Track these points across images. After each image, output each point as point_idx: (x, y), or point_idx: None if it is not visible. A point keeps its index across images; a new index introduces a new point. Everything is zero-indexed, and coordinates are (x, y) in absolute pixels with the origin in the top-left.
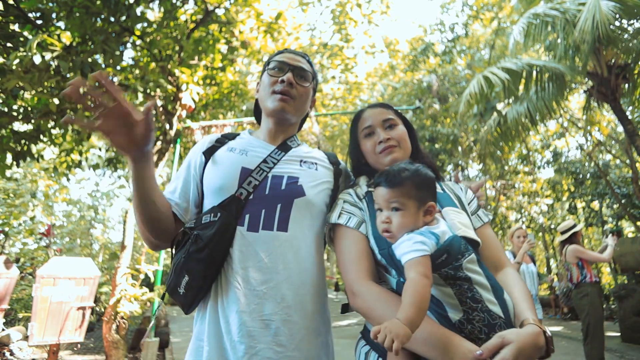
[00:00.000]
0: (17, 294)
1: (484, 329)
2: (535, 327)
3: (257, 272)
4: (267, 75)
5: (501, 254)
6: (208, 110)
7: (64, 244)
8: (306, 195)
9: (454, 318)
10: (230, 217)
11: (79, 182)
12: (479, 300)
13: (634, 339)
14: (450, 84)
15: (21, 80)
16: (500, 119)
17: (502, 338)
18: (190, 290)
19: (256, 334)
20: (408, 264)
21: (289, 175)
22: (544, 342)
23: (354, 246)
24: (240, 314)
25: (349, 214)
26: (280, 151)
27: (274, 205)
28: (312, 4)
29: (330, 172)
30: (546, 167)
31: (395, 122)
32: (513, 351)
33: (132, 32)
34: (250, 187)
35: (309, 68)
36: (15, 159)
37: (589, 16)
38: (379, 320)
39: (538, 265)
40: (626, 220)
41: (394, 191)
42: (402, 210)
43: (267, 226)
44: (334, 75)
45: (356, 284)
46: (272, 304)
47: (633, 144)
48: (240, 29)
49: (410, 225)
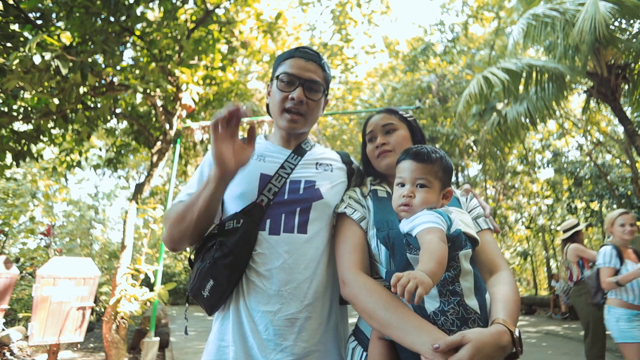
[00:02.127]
0: (17, 294)
1: (456, 322)
2: (499, 327)
3: (281, 274)
4: (277, 88)
5: (498, 258)
6: (208, 110)
7: (64, 244)
8: (324, 198)
9: (429, 309)
10: (253, 224)
11: (79, 182)
12: (457, 293)
13: None
14: (450, 84)
15: (21, 80)
16: (500, 119)
17: (463, 336)
18: (215, 293)
19: (282, 332)
20: (426, 230)
21: (306, 179)
22: (508, 342)
23: (352, 237)
24: (266, 314)
25: (353, 208)
26: (297, 155)
27: (294, 209)
28: (312, 4)
29: (344, 172)
30: (546, 167)
31: (395, 126)
32: (470, 350)
33: (132, 32)
34: (270, 194)
35: (321, 74)
36: (15, 159)
37: (587, 17)
38: (363, 309)
39: (538, 266)
40: None
41: (425, 167)
42: (428, 187)
43: (288, 229)
44: (334, 75)
45: (347, 273)
46: (296, 303)
47: (633, 144)
48: (240, 29)
49: (432, 204)
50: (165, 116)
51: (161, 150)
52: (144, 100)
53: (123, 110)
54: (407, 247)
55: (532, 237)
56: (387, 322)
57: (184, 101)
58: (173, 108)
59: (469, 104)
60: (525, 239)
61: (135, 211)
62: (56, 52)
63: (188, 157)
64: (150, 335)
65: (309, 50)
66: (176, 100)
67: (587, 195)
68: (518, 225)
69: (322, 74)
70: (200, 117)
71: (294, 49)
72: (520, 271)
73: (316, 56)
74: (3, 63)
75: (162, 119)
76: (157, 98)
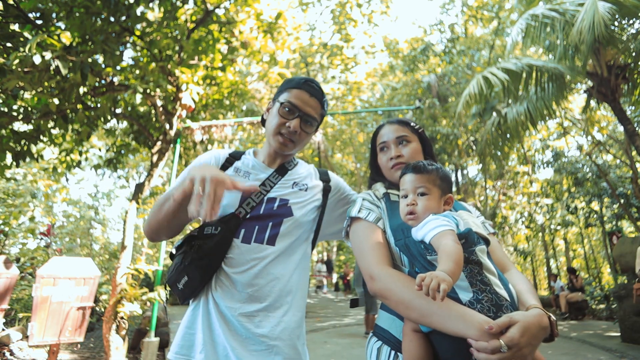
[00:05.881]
0: (17, 294)
1: (492, 308)
2: (539, 310)
3: (245, 277)
4: (277, 112)
5: (505, 259)
6: (208, 110)
7: (64, 244)
8: (294, 215)
9: (464, 299)
10: (228, 232)
11: (79, 182)
12: (487, 283)
13: (634, 339)
14: (450, 84)
15: (21, 80)
16: (500, 119)
17: (510, 317)
18: (187, 288)
19: (244, 324)
20: (439, 235)
21: (281, 197)
22: (548, 323)
23: (373, 235)
24: (230, 309)
25: (367, 210)
26: (278, 175)
27: (267, 223)
28: (312, 4)
29: (319, 190)
30: (546, 167)
31: (409, 139)
32: (520, 329)
33: (132, 32)
34: (248, 207)
35: (319, 112)
36: (15, 159)
37: (587, 17)
38: (399, 301)
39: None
40: (626, 220)
41: (422, 177)
42: (428, 194)
43: (258, 240)
44: (334, 75)
45: (375, 268)
46: (255, 303)
47: (633, 144)
48: (240, 29)
49: (434, 210)
50: (165, 116)
51: (161, 150)
52: (144, 100)
53: (123, 110)
54: (427, 251)
55: (532, 237)
56: (428, 310)
57: (184, 101)
58: (173, 108)
59: (468, 104)
60: (525, 238)
61: (135, 211)
62: (56, 52)
63: (188, 157)
64: (150, 335)
65: (316, 86)
66: (176, 100)
67: (587, 195)
68: (518, 225)
69: (320, 111)
70: (200, 117)
71: (302, 80)
72: (521, 270)
73: (320, 94)
74: (3, 63)
75: (162, 119)
76: (157, 98)
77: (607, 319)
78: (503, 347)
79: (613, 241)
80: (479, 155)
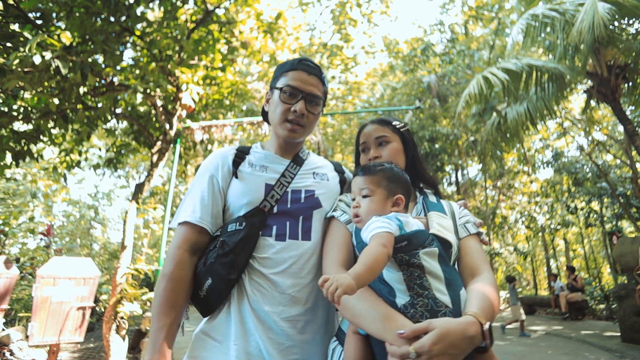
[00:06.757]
0: (17, 294)
1: (426, 314)
2: (469, 318)
3: (286, 277)
4: (278, 99)
5: (481, 263)
6: (208, 110)
7: (64, 244)
8: (323, 206)
9: (399, 303)
10: (254, 227)
11: (79, 182)
12: (426, 288)
13: (634, 339)
14: (450, 84)
15: (21, 80)
16: (500, 119)
17: (429, 324)
18: (212, 293)
19: (286, 331)
20: (373, 236)
21: (306, 189)
22: (476, 332)
23: (338, 237)
24: (270, 314)
25: (342, 211)
26: (295, 165)
27: (297, 217)
28: (312, 4)
29: (337, 181)
30: (546, 167)
31: (389, 139)
32: (434, 337)
33: (132, 32)
34: (272, 200)
35: (321, 89)
36: (15, 159)
37: (586, 17)
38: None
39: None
40: (626, 220)
41: (365, 179)
42: (371, 196)
43: (293, 236)
44: (333, 75)
45: (327, 268)
46: (298, 306)
47: (633, 144)
48: (240, 29)
49: (378, 211)
50: (165, 116)
51: (161, 150)
52: (144, 100)
53: (123, 110)
54: None
55: (532, 237)
56: (358, 311)
57: (184, 101)
58: (173, 108)
59: (468, 104)
60: (525, 238)
61: (135, 211)
62: (56, 52)
63: (188, 157)
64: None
65: (311, 63)
66: (176, 100)
67: (587, 195)
68: (518, 225)
69: (322, 88)
70: (200, 117)
71: (296, 61)
72: (521, 270)
73: (318, 70)
74: (3, 63)
75: (162, 119)
76: (157, 98)
77: (607, 319)
78: (411, 353)
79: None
80: (479, 155)
